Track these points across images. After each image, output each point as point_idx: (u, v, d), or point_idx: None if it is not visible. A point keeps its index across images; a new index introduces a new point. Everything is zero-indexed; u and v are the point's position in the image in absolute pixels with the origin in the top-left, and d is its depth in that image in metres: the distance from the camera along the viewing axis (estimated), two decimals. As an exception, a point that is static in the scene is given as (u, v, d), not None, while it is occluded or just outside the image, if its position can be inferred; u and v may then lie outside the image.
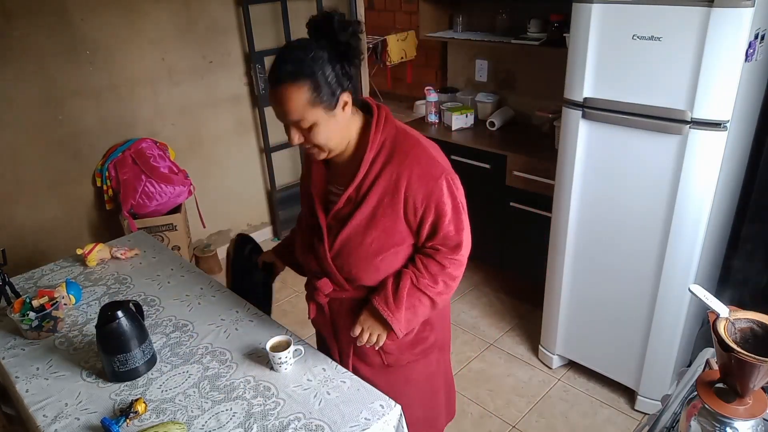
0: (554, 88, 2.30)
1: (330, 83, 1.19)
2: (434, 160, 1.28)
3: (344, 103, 1.23)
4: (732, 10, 1.61)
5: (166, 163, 2.99)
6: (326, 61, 1.18)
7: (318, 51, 1.18)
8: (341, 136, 1.28)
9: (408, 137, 1.30)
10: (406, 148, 1.28)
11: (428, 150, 1.30)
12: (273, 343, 1.45)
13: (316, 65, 1.17)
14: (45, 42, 2.61)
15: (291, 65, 1.18)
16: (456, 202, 1.30)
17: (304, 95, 1.18)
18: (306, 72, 1.17)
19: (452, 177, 1.30)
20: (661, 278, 2.01)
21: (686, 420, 1.03)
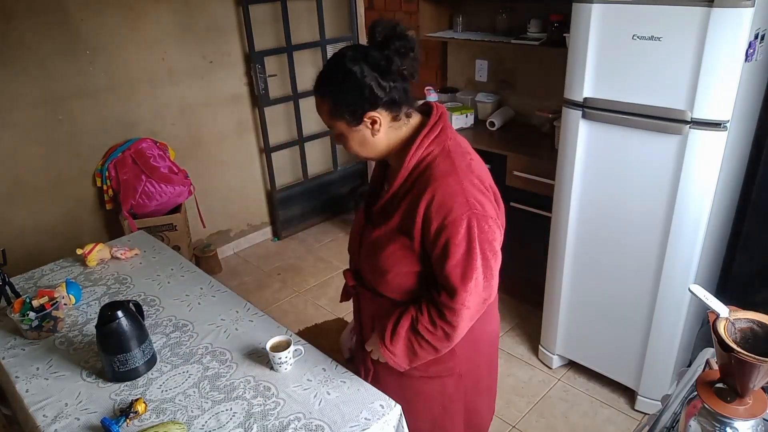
0: (554, 88, 2.30)
1: (353, 101, 1.19)
2: (463, 194, 1.17)
3: (371, 122, 1.22)
4: (732, 10, 1.61)
5: (166, 163, 2.99)
6: (357, 80, 1.18)
7: (350, 66, 1.18)
8: (373, 148, 1.27)
9: (449, 159, 1.22)
10: (442, 170, 1.20)
11: (463, 182, 1.19)
12: (273, 343, 1.45)
13: (340, 82, 1.20)
14: (45, 42, 2.61)
15: (321, 78, 1.24)
16: (472, 247, 1.17)
17: (326, 107, 1.23)
18: (327, 89, 1.22)
19: (479, 219, 1.17)
20: (661, 278, 2.01)
21: (686, 420, 1.03)
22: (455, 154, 1.23)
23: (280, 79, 3.54)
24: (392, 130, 1.26)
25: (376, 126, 1.23)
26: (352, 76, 1.18)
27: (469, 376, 1.44)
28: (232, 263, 3.57)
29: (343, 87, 1.19)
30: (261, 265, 3.53)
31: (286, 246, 3.76)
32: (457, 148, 1.25)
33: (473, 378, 1.46)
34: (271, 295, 3.21)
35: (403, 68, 1.20)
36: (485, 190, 1.23)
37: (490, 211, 1.21)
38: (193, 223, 3.28)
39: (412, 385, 1.42)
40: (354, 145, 1.26)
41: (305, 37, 3.57)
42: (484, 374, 1.51)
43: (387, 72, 1.19)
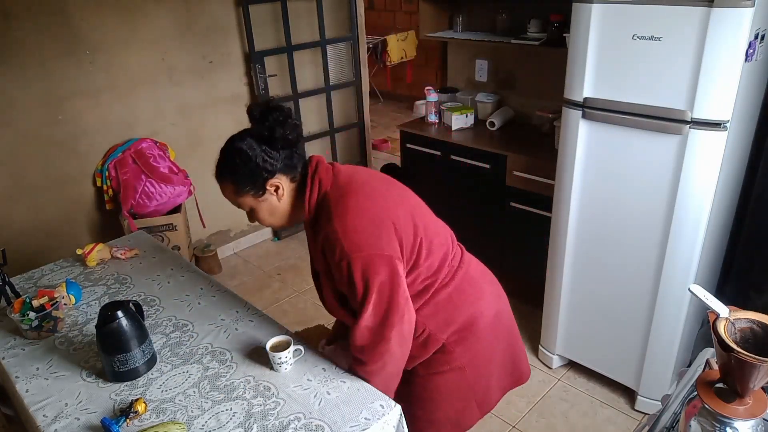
0: (554, 88, 2.30)
1: (253, 175, 1.31)
2: (341, 243, 1.26)
3: (275, 188, 1.34)
4: (732, 10, 1.61)
5: (166, 163, 2.99)
6: (246, 154, 1.30)
7: (238, 145, 1.32)
8: (280, 214, 1.39)
9: (327, 207, 1.32)
10: (322, 223, 1.32)
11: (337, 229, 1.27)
12: (273, 343, 1.45)
13: (236, 164, 1.31)
14: (45, 42, 2.61)
15: (218, 166, 1.36)
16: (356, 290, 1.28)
17: (230, 189, 1.35)
18: (225, 172, 1.34)
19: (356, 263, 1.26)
20: (661, 278, 2.01)
21: (686, 420, 1.03)
22: (333, 198, 1.32)
23: (280, 79, 3.54)
24: (294, 192, 1.38)
25: (279, 191, 1.35)
26: (243, 152, 1.31)
27: (473, 368, 1.48)
28: (232, 263, 3.58)
29: (238, 165, 1.31)
30: (261, 265, 3.53)
31: (286, 246, 3.76)
32: (335, 189, 1.34)
33: (478, 367, 1.50)
34: (271, 295, 3.21)
35: (286, 134, 1.31)
36: (361, 227, 1.28)
37: (369, 248, 1.26)
38: (193, 223, 3.28)
39: (421, 382, 1.47)
40: (265, 215, 1.38)
41: (305, 37, 3.57)
42: (490, 358, 1.53)
43: (272, 140, 1.31)
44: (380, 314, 1.29)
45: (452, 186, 3.02)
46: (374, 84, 6.73)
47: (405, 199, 1.41)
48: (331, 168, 1.39)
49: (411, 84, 6.66)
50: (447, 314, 1.42)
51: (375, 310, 1.28)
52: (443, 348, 1.43)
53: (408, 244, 1.34)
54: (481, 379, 1.52)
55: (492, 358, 1.54)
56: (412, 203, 1.43)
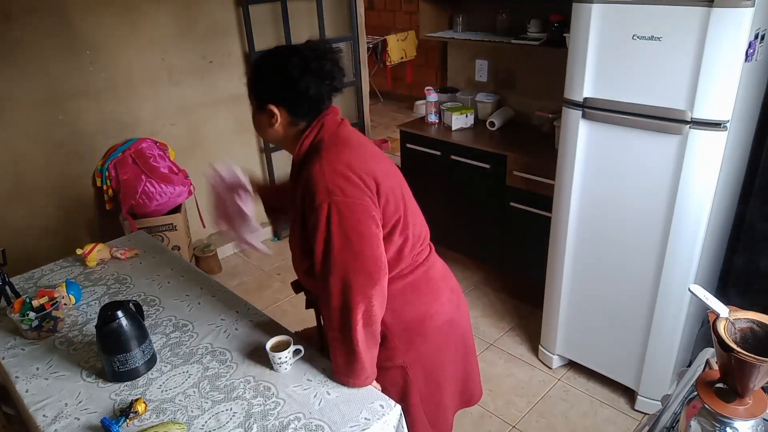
0: (554, 88, 2.30)
1: (263, 87, 1.30)
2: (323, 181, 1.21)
3: (270, 114, 1.31)
4: (732, 10, 1.61)
5: (166, 163, 2.99)
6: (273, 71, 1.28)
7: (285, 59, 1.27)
8: (272, 135, 1.36)
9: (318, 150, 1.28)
10: (311, 161, 1.28)
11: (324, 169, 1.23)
12: (273, 343, 1.45)
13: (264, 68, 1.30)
14: (45, 42, 2.61)
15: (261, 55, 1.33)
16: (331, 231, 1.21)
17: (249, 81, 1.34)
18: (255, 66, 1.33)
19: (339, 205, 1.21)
20: (661, 278, 2.01)
21: (686, 420, 1.03)
22: (328, 144, 1.29)
23: (280, 79, 3.54)
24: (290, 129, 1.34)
25: (274, 120, 1.32)
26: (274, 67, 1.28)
27: (418, 367, 1.44)
28: (232, 263, 3.58)
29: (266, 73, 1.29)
30: (261, 265, 3.53)
31: (286, 246, 3.73)
32: (335, 139, 1.30)
33: (424, 369, 1.45)
34: (271, 295, 3.21)
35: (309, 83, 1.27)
36: (350, 176, 1.23)
37: (353, 195, 1.22)
38: (193, 223, 3.28)
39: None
40: (255, 123, 1.39)
41: (305, 37, 3.49)
42: (440, 364, 1.48)
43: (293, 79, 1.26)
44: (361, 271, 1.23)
45: (452, 186, 3.02)
46: (374, 84, 6.73)
47: (398, 176, 1.39)
48: (339, 120, 1.35)
49: (411, 84, 6.66)
50: (396, 306, 1.37)
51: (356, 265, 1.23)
52: (385, 341, 1.38)
53: (388, 216, 1.30)
54: (432, 391, 1.48)
55: (442, 367, 1.49)
56: (403, 182, 1.40)
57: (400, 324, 1.39)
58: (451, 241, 3.18)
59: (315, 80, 1.27)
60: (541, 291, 2.47)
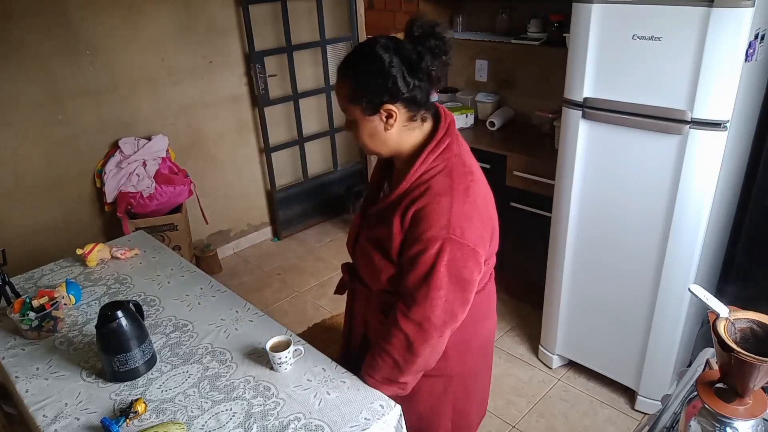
0: (554, 88, 2.30)
1: (374, 90, 1.17)
2: (448, 216, 1.17)
3: (387, 115, 1.19)
4: (732, 10, 1.61)
5: (166, 163, 2.99)
6: (383, 68, 1.15)
7: (380, 52, 1.15)
8: (382, 142, 1.25)
9: (449, 178, 1.21)
10: (438, 188, 1.20)
11: (453, 205, 1.18)
12: (273, 343, 1.45)
13: (367, 68, 1.17)
14: (45, 42, 2.61)
15: (347, 59, 1.21)
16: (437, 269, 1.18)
17: (345, 90, 1.20)
18: (353, 71, 1.19)
19: (452, 245, 1.17)
20: (661, 278, 2.01)
21: (686, 420, 1.03)
22: (456, 173, 1.22)
23: (280, 79, 3.54)
24: (405, 129, 1.24)
25: (390, 120, 1.20)
26: (380, 62, 1.15)
27: (460, 378, 1.44)
28: (232, 263, 3.58)
29: (368, 71, 1.16)
30: (261, 265, 3.53)
31: (286, 246, 3.76)
32: (461, 166, 1.24)
33: (465, 380, 1.46)
34: (271, 295, 3.21)
35: (432, 68, 1.18)
36: (473, 218, 1.21)
37: (470, 239, 1.19)
38: (194, 223, 3.28)
39: None
40: (364, 135, 1.24)
41: (305, 37, 3.57)
42: (476, 377, 1.51)
43: (416, 68, 1.16)
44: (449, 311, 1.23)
45: (452, 186, 3.01)
46: (374, 84, 6.72)
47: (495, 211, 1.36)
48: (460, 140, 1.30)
49: (411, 84, 6.65)
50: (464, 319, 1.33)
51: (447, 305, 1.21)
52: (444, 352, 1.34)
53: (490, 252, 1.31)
54: (464, 405, 1.49)
55: (476, 382, 1.51)
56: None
57: (460, 335, 1.35)
58: (451, 241, 3.17)
59: (430, 58, 1.17)
60: (541, 291, 2.47)
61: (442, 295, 1.20)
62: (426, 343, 1.24)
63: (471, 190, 1.22)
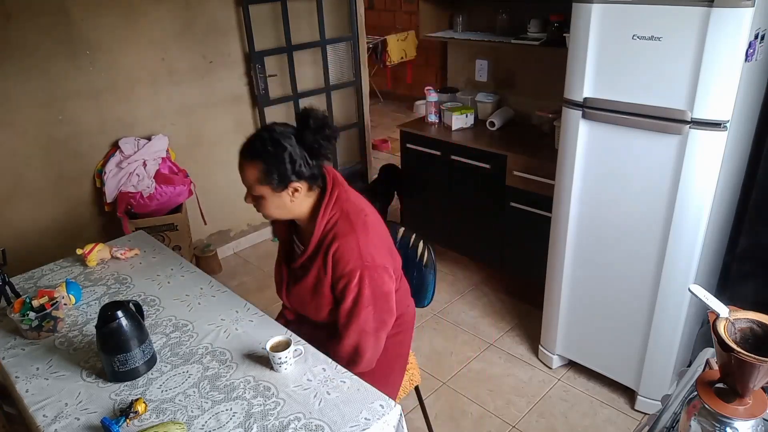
0: (554, 88, 2.30)
1: (283, 172, 1.40)
2: (358, 250, 1.44)
3: (293, 190, 1.44)
4: (732, 10, 1.61)
5: (166, 163, 2.99)
6: (290, 153, 1.40)
7: (284, 142, 1.40)
8: (286, 211, 1.49)
9: (348, 220, 1.47)
10: (342, 230, 1.46)
11: (359, 240, 1.44)
12: (273, 343, 1.45)
13: (276, 154, 1.39)
14: (45, 42, 2.61)
15: (254, 145, 1.42)
16: (362, 293, 1.45)
17: (255, 173, 1.42)
18: (262, 156, 1.40)
19: (369, 270, 1.44)
20: (661, 278, 2.01)
21: (686, 420, 1.03)
22: (352, 215, 1.48)
23: (280, 79, 3.54)
24: (306, 198, 1.49)
25: (296, 194, 1.45)
26: (286, 150, 1.39)
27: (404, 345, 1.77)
28: (232, 263, 3.58)
29: (276, 158, 1.39)
30: (261, 265, 3.53)
31: (286, 246, 3.76)
32: (353, 208, 1.50)
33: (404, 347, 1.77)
34: (271, 295, 3.19)
35: (327, 152, 1.45)
36: (376, 243, 1.49)
37: (379, 260, 1.47)
38: (194, 223, 3.28)
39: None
40: (271, 207, 1.47)
41: (305, 37, 3.57)
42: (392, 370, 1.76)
43: (315, 153, 1.43)
44: (378, 319, 1.51)
45: (452, 186, 3.02)
46: (374, 84, 6.73)
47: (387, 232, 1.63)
48: (346, 188, 1.54)
49: (411, 84, 6.66)
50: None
51: (376, 315, 1.50)
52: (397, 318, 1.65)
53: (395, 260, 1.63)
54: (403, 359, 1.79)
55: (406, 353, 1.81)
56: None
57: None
58: (451, 241, 3.18)
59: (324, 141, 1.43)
60: (541, 291, 2.47)
61: (371, 310, 1.48)
62: (366, 347, 1.52)
63: (368, 224, 1.49)
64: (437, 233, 3.25)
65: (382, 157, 5.24)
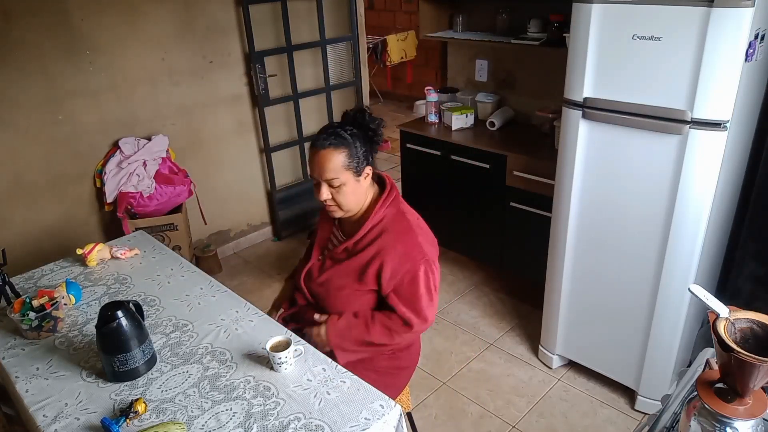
0: (554, 88, 2.30)
1: (359, 155, 1.53)
2: (419, 246, 1.55)
3: (366, 174, 1.57)
4: (732, 10, 1.61)
5: (166, 163, 2.99)
6: (358, 139, 1.54)
7: (354, 130, 1.54)
8: (359, 199, 1.59)
9: (405, 220, 1.59)
10: (400, 229, 1.57)
11: (418, 237, 1.57)
12: (273, 343, 1.45)
13: (353, 139, 1.53)
14: (45, 42, 2.61)
15: (334, 136, 1.52)
16: (428, 288, 1.57)
17: (341, 159, 1.51)
18: (345, 142, 1.52)
19: (428, 265, 1.56)
20: (661, 278, 2.01)
21: (686, 420, 1.03)
22: (409, 215, 1.62)
23: (280, 79, 3.54)
24: (370, 188, 1.62)
25: (367, 179, 1.58)
26: (359, 136, 1.54)
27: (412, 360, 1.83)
28: (232, 263, 3.58)
29: (355, 143, 1.53)
30: (261, 265, 3.53)
31: (286, 246, 3.76)
32: (408, 210, 1.64)
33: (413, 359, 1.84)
34: (271, 295, 3.18)
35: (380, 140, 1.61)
36: (431, 242, 1.62)
37: (434, 257, 1.59)
38: (194, 223, 3.28)
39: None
40: (350, 195, 1.56)
41: (305, 37, 3.57)
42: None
43: (373, 141, 1.58)
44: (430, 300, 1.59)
45: (452, 186, 3.02)
46: (374, 84, 6.73)
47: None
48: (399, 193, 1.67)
49: (411, 84, 6.66)
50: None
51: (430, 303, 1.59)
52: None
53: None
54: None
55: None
56: None
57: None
58: (451, 241, 3.18)
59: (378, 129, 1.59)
60: (541, 291, 2.47)
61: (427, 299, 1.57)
62: (400, 336, 1.60)
63: (422, 225, 1.64)
64: (437, 233, 3.24)
65: (382, 156, 5.24)
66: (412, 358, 1.80)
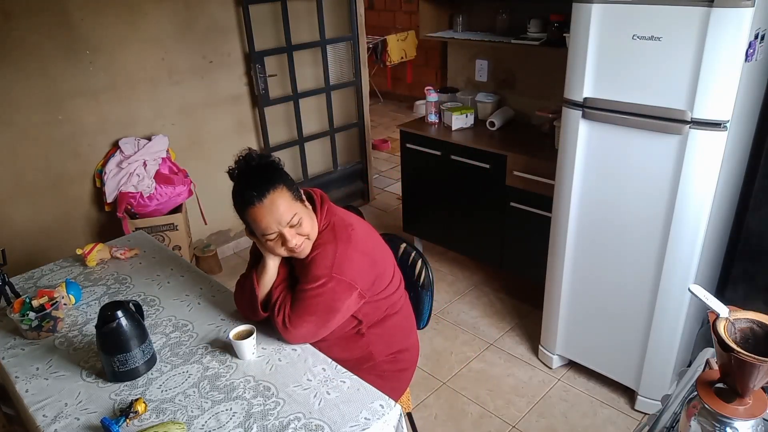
0: (554, 88, 2.30)
1: (290, 182, 1.48)
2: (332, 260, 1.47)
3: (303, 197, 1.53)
4: (732, 10, 1.61)
5: (166, 163, 2.99)
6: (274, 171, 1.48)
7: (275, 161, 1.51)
8: (315, 222, 1.53)
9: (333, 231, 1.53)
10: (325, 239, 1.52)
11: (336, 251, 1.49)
12: (236, 332, 1.49)
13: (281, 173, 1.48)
14: (45, 42, 2.61)
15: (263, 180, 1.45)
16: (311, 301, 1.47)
17: (286, 194, 1.45)
18: (276, 178, 1.46)
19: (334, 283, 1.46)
20: (661, 278, 2.01)
21: (686, 420, 1.03)
22: (338, 228, 1.53)
23: (280, 79, 3.54)
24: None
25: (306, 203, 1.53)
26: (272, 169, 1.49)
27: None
28: (232, 263, 3.58)
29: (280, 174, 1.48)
30: (261, 265, 3.53)
31: (286, 246, 3.76)
32: (340, 221, 1.56)
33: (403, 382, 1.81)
34: (271, 295, 3.21)
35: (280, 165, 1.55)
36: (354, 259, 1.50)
37: (349, 278, 1.48)
38: (194, 223, 3.28)
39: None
40: (309, 224, 1.49)
41: (305, 37, 3.57)
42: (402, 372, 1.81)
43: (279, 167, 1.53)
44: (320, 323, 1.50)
45: (452, 186, 3.02)
46: (374, 84, 6.73)
47: (389, 251, 1.68)
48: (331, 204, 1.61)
49: (411, 84, 6.66)
50: (390, 338, 1.69)
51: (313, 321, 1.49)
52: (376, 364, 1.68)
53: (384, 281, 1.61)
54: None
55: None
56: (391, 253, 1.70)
57: (392, 353, 1.71)
58: (451, 241, 3.18)
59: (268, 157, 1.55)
60: (541, 291, 2.47)
61: (313, 320, 1.48)
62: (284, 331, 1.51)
63: (352, 238, 1.52)
64: (437, 233, 3.26)
65: (382, 156, 5.24)
66: (412, 359, 1.80)
